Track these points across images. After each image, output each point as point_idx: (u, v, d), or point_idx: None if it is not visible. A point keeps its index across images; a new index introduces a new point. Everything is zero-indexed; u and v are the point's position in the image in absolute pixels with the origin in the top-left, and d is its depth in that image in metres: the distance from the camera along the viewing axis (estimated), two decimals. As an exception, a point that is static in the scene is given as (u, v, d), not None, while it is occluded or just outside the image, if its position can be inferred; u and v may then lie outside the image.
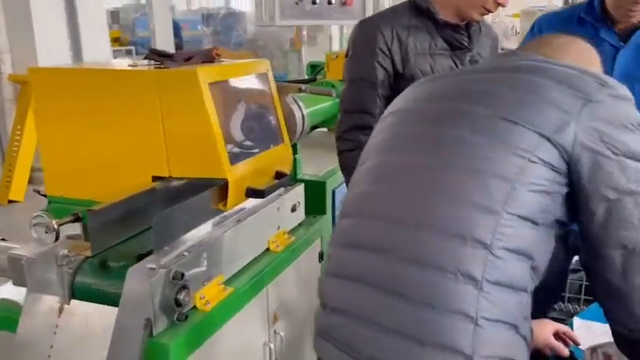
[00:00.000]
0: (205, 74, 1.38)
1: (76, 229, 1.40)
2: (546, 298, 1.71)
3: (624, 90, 0.87)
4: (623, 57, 1.46)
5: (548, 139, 0.79)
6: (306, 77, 2.62)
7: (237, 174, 1.44)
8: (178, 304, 1.21)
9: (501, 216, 0.77)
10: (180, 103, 1.38)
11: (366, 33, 1.41)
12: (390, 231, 0.84)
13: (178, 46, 16.05)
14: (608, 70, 1.48)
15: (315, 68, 2.68)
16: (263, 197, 1.52)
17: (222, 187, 1.43)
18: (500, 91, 0.86)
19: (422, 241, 0.80)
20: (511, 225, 0.77)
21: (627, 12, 1.42)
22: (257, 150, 1.60)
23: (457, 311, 0.75)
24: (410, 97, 0.96)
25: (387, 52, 1.37)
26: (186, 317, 1.23)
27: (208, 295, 1.33)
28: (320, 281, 0.93)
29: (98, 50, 4.95)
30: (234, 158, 1.48)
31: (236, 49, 10.58)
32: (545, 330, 1.16)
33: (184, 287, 1.23)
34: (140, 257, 1.28)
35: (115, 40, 11.92)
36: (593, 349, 1.19)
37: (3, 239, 1.48)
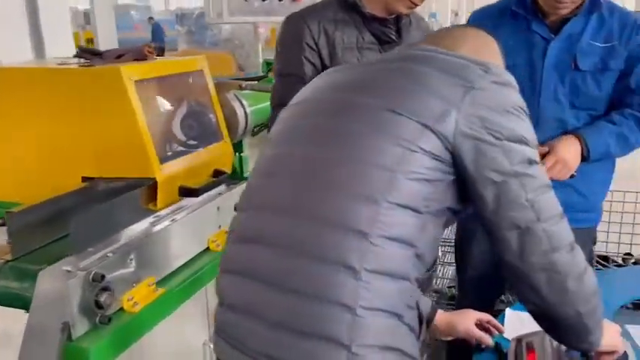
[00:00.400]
0: (131, 72, 1.36)
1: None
2: (489, 289, 1.72)
3: (508, 76, 0.88)
4: (553, 49, 1.47)
5: (430, 129, 0.79)
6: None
7: (167, 173, 1.42)
8: (99, 306, 1.19)
9: (381, 205, 0.77)
10: (105, 101, 1.36)
11: (293, 28, 1.40)
12: (276, 223, 0.83)
13: (160, 48, 15.89)
14: (540, 61, 1.49)
15: (269, 65, 2.66)
16: (197, 196, 1.50)
17: (152, 187, 1.41)
18: (387, 81, 0.87)
19: (305, 232, 0.80)
20: (391, 214, 0.77)
21: (555, 4, 1.43)
22: (192, 148, 1.58)
23: (336, 301, 0.75)
24: (312, 88, 0.95)
25: (315, 47, 1.36)
26: (110, 320, 1.20)
27: (137, 297, 1.31)
28: (217, 278, 0.92)
29: (61, 49, 4.85)
30: (166, 157, 1.46)
31: (211, 48, 10.50)
32: (466, 319, 1.17)
33: (106, 289, 1.20)
34: (64, 260, 1.25)
35: (89, 42, 11.76)
36: (519, 340, 1.19)
37: None
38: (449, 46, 0.95)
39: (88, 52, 1.52)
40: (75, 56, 1.54)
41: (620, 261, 2.45)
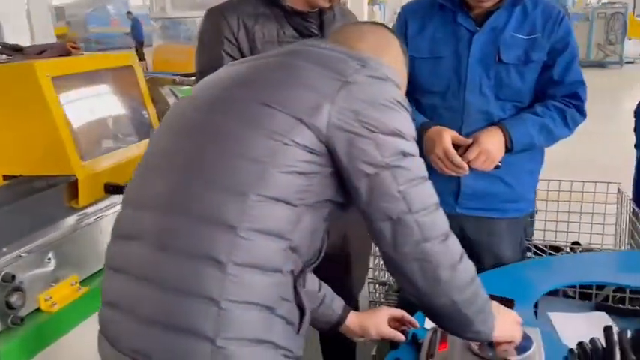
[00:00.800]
0: (47, 68, 1.34)
1: None
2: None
3: (385, 70, 0.88)
4: (478, 41, 1.48)
5: (303, 122, 0.79)
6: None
7: (89, 170, 1.40)
8: (10, 307, 1.17)
9: (250, 198, 0.77)
10: (22, 98, 1.34)
11: (212, 23, 1.38)
12: (149, 219, 0.83)
13: (139, 42, 15.65)
14: (465, 53, 1.50)
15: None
16: (122, 193, 1.48)
17: (75, 184, 1.39)
18: (264, 75, 0.87)
19: (176, 228, 0.79)
20: (260, 207, 0.77)
21: None
22: (122, 144, 1.57)
23: (202, 295, 0.75)
24: (204, 82, 0.95)
25: (234, 41, 1.35)
26: (22, 320, 1.19)
27: (56, 296, 1.29)
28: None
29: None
30: (90, 154, 1.44)
31: (185, 43, 10.38)
32: (378, 319, 1.16)
33: (18, 289, 1.19)
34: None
35: (61, 37, 11.55)
36: (435, 330, 1.20)
37: None
38: (348, 42, 0.95)
39: (10, 49, 1.49)
40: (-3, 53, 1.51)
41: (568, 250, 2.49)
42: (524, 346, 1.08)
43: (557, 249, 2.46)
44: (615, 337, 0.99)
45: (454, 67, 1.49)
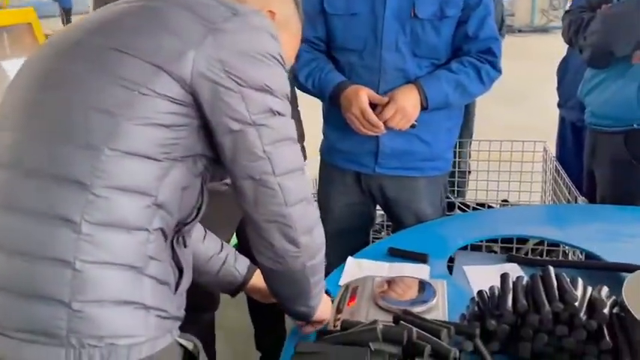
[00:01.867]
0: None
1: None
2: (352, 242, 1.74)
3: (259, 19, 0.83)
4: None
5: (163, 70, 0.74)
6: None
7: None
8: None
9: (102, 152, 0.72)
10: None
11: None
12: None
13: (65, 10, 14.77)
14: (381, 10, 1.47)
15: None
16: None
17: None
18: (122, 20, 0.81)
19: (23, 188, 0.73)
20: (115, 162, 0.72)
21: None
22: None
23: (54, 258, 0.70)
24: (60, 30, 0.87)
25: None
26: None
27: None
28: None
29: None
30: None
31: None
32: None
33: None
34: None
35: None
36: (347, 286, 1.21)
37: None
38: None
39: None
40: None
41: (498, 208, 2.56)
42: (425, 298, 1.10)
43: (483, 206, 2.52)
44: (510, 284, 1.03)
45: (370, 24, 1.47)
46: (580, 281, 1.00)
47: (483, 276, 1.45)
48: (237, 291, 1.13)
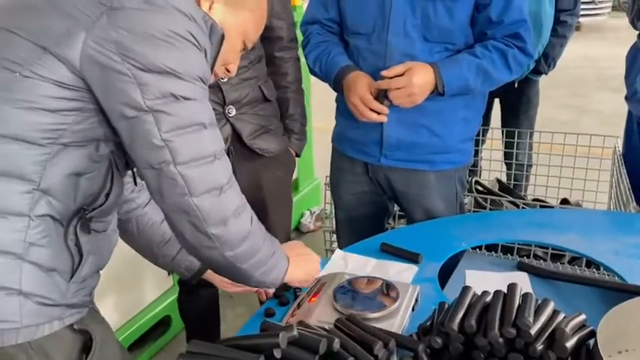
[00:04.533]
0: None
1: None
2: (360, 231, 1.67)
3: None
4: None
5: (49, 52, 0.71)
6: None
7: None
8: None
9: None
10: None
11: None
12: None
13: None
14: None
15: None
16: None
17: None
18: (24, 1, 0.77)
19: None
20: None
21: None
22: None
23: None
24: None
25: None
26: None
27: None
28: None
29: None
30: None
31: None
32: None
33: None
34: None
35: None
36: (318, 280, 1.15)
37: None
38: None
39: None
40: None
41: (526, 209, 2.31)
42: (384, 303, 1.02)
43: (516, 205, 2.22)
44: (468, 298, 0.92)
45: (379, 5, 1.36)
46: (551, 306, 0.87)
47: (484, 283, 1.31)
48: (195, 277, 1.11)
